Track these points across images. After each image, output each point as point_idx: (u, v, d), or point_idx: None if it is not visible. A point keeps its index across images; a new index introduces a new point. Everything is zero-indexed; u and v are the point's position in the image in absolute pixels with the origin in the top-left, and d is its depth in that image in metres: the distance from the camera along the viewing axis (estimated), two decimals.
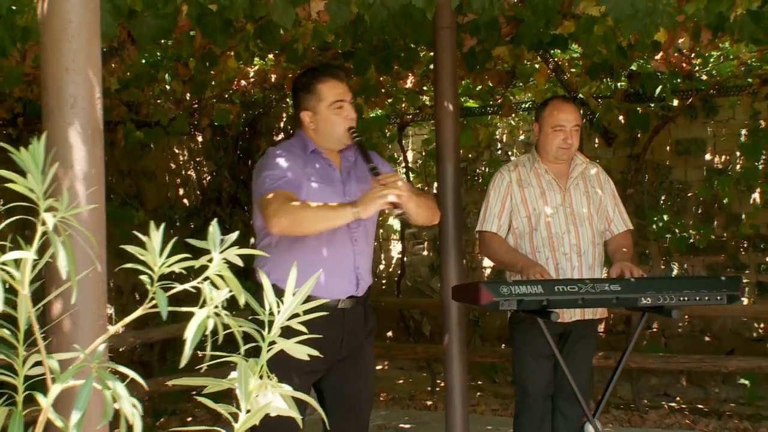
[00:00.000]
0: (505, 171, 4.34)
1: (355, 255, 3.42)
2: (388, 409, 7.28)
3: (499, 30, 5.16)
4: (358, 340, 3.52)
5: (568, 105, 4.31)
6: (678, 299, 3.62)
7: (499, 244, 4.23)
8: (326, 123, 3.43)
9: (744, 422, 6.58)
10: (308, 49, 6.15)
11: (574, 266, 4.13)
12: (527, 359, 4.22)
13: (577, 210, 4.21)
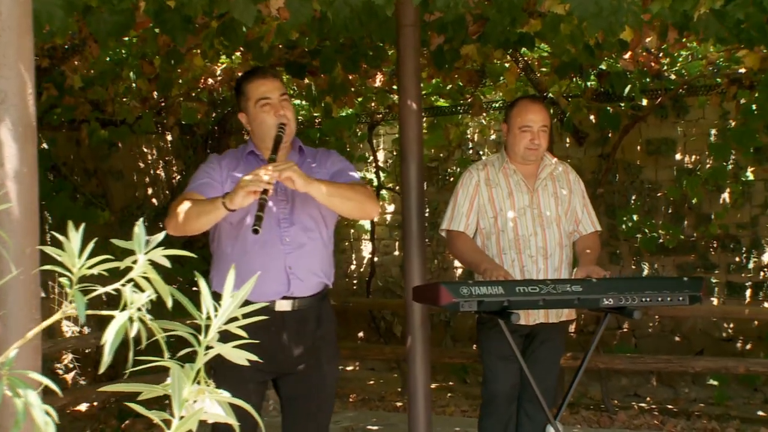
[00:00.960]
0: (473, 170, 4.30)
1: (285, 254, 3.33)
2: (356, 410, 7.23)
3: (466, 28, 5.13)
4: (311, 345, 3.42)
5: (535, 105, 4.26)
6: (640, 300, 3.58)
7: (465, 243, 4.18)
8: (256, 121, 3.39)
9: (712, 422, 6.57)
10: (275, 47, 6.09)
11: (540, 269, 4.09)
12: (494, 360, 4.17)
13: (544, 211, 4.17)
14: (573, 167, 8.04)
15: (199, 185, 3.33)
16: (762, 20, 4.45)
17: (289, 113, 3.41)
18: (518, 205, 4.15)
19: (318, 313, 3.45)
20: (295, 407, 3.45)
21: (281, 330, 3.33)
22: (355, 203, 3.32)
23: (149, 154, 8.57)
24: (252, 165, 3.35)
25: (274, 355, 3.33)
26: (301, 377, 3.42)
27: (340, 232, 9.44)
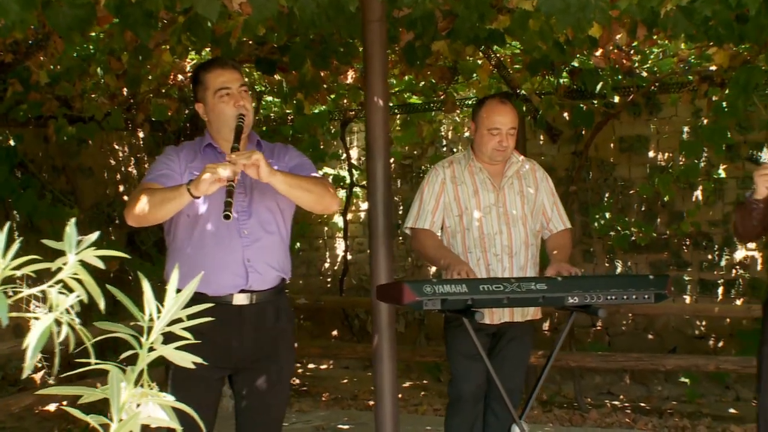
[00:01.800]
0: (439, 167, 4.26)
1: (243, 247, 3.29)
2: (328, 409, 7.18)
3: (435, 24, 5.09)
4: (269, 339, 3.38)
5: (504, 107, 4.20)
6: (605, 298, 3.55)
7: (430, 240, 4.14)
8: (214, 112, 3.35)
9: (684, 420, 6.56)
10: (244, 43, 6.03)
11: (505, 267, 4.06)
12: (460, 360, 4.14)
13: (510, 210, 4.13)
14: (546, 165, 8.10)
15: (158, 176, 3.28)
16: (729, 17, 4.43)
17: (248, 104, 3.38)
18: (484, 204, 4.11)
19: (276, 307, 3.41)
20: (250, 402, 3.41)
21: (239, 324, 3.30)
22: (315, 195, 3.30)
23: (120, 151, 8.49)
24: (210, 158, 3.32)
25: (232, 350, 3.30)
26: (258, 372, 3.38)
27: (313, 230, 9.40)
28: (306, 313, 9.40)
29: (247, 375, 3.39)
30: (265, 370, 3.39)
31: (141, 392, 1.61)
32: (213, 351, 3.25)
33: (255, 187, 3.29)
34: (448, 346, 4.22)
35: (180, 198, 3.07)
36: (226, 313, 3.26)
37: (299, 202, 3.32)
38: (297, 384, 8.35)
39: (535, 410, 6.92)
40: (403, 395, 7.69)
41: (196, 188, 3.01)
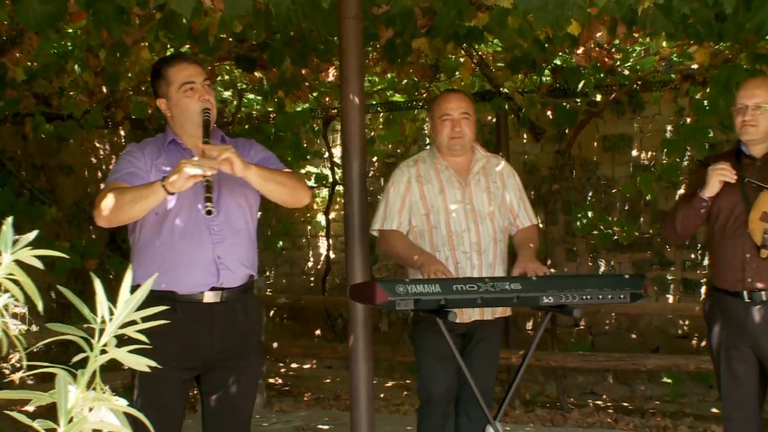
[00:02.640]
0: (404, 167, 4.20)
1: (213, 244, 3.24)
2: (309, 409, 7.13)
3: (415, 22, 5.06)
4: (238, 338, 3.33)
5: (454, 94, 4.21)
6: (580, 298, 3.53)
7: (399, 240, 4.09)
8: (178, 107, 3.28)
9: (666, 420, 6.54)
10: (224, 40, 5.98)
11: (474, 265, 4.01)
12: (429, 361, 4.09)
13: (477, 207, 4.08)
14: (530, 163, 8.09)
15: (125, 174, 3.22)
16: (708, 16, 4.41)
17: (212, 98, 3.33)
18: (450, 201, 4.06)
19: (244, 305, 3.36)
20: (218, 402, 3.35)
21: (210, 323, 3.25)
22: (288, 189, 3.27)
23: (101, 149, 8.43)
24: (174, 154, 3.27)
25: (201, 349, 3.25)
26: (227, 372, 3.33)
27: (297, 228, 9.36)
28: (289, 312, 9.36)
29: (216, 374, 3.33)
30: (234, 370, 3.34)
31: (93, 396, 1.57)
32: (182, 350, 3.21)
33: (224, 182, 3.23)
34: (416, 347, 4.16)
35: (155, 195, 3.02)
36: (196, 312, 3.22)
37: (272, 196, 3.28)
38: (279, 384, 8.32)
39: (517, 410, 6.89)
40: (385, 395, 7.66)
41: (171, 184, 2.96)
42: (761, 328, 3.71)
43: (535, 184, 8.09)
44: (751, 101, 3.75)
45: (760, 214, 3.66)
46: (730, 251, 3.78)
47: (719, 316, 3.87)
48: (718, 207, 3.82)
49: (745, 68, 5.55)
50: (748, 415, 3.84)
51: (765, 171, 3.76)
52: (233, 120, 8.19)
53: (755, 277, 3.71)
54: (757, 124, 3.74)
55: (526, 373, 7.88)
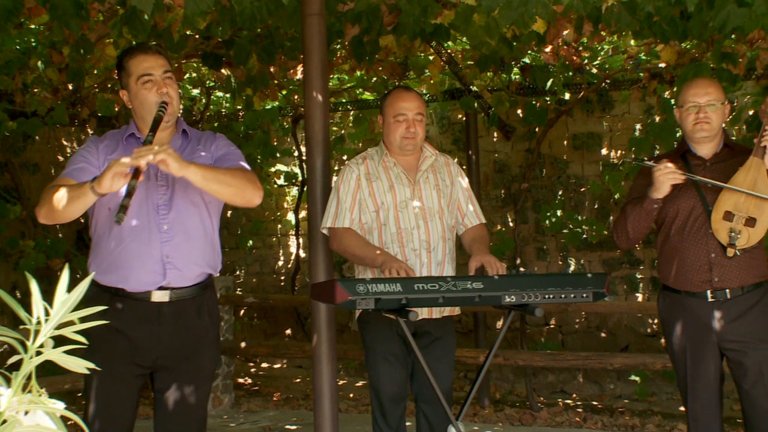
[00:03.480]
0: (353, 164, 4.15)
1: (162, 243, 3.18)
2: (278, 409, 7.09)
3: (381, 19, 5.02)
4: (190, 338, 3.27)
5: (409, 93, 4.14)
6: (543, 297, 3.49)
7: (353, 238, 4.03)
8: (137, 99, 3.23)
9: (634, 418, 6.55)
10: (190, 37, 5.92)
11: (423, 262, 3.97)
12: (379, 360, 4.02)
13: (427, 204, 4.04)
14: (500, 162, 8.07)
15: (74, 170, 3.17)
16: (672, 14, 4.41)
17: (173, 92, 3.26)
18: (400, 199, 4.02)
19: (198, 304, 3.30)
20: (170, 403, 3.29)
21: (158, 322, 3.19)
22: (235, 189, 3.19)
23: (68, 147, 8.34)
24: (132, 147, 3.17)
25: (151, 348, 3.20)
26: (179, 372, 3.28)
27: (267, 227, 9.31)
28: (259, 311, 9.31)
29: (168, 374, 3.28)
30: (187, 369, 3.29)
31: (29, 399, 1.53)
32: (131, 348, 3.17)
33: (177, 180, 3.17)
34: (366, 348, 4.09)
35: (84, 197, 2.96)
36: (145, 310, 3.17)
37: (217, 196, 3.21)
38: (248, 384, 8.26)
39: (487, 409, 6.88)
40: (355, 395, 7.63)
41: (99, 185, 2.89)
42: (726, 326, 3.72)
43: (505, 183, 8.08)
44: (704, 99, 3.77)
45: (722, 214, 3.67)
46: (694, 253, 3.78)
47: (680, 317, 3.86)
48: (675, 209, 3.83)
49: (712, 67, 5.57)
50: (713, 413, 3.85)
51: (715, 171, 3.77)
52: (202, 118, 8.12)
53: (722, 276, 3.72)
54: (710, 122, 3.76)
55: (496, 372, 7.91)
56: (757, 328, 3.72)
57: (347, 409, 7.05)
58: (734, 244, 3.65)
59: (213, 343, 3.40)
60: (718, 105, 3.75)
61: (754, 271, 3.74)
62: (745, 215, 3.64)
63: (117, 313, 3.14)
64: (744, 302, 3.73)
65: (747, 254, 3.71)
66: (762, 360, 3.69)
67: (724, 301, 3.73)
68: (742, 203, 3.65)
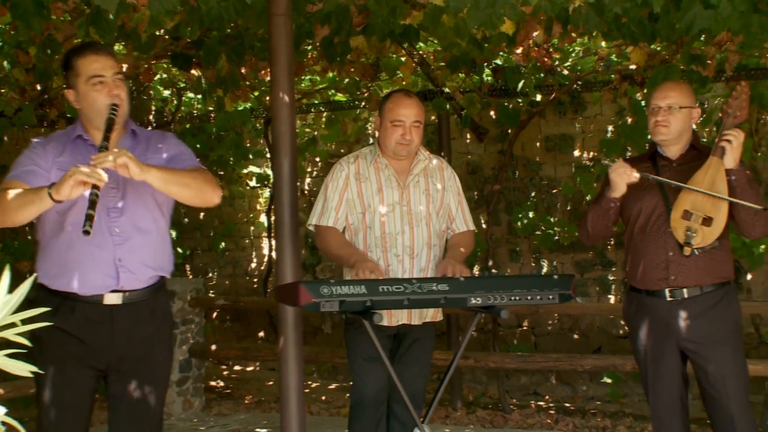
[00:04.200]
0: (344, 163, 4.13)
1: (114, 246, 3.13)
2: (249, 412, 7.04)
3: (350, 20, 5.00)
4: (143, 340, 3.23)
5: (409, 100, 4.09)
6: (509, 299, 3.47)
7: (334, 237, 4.03)
8: (86, 100, 3.16)
9: (606, 420, 6.55)
10: (159, 37, 5.87)
11: (406, 268, 3.95)
12: (360, 362, 4.03)
13: (414, 209, 4.02)
14: (473, 164, 8.06)
15: (23, 173, 3.10)
16: (640, 15, 4.41)
17: (123, 93, 3.20)
18: (387, 201, 4.00)
19: (152, 306, 3.26)
20: (123, 406, 3.24)
21: (110, 325, 3.15)
22: (194, 190, 3.16)
23: None
24: (80, 150, 3.15)
25: (103, 350, 3.15)
26: (132, 375, 3.23)
27: (240, 229, 9.27)
28: (232, 314, 9.26)
29: (120, 377, 3.23)
30: (139, 373, 3.24)
31: None
32: (83, 350, 3.13)
33: (128, 182, 3.12)
34: (348, 349, 4.11)
35: (40, 202, 2.90)
36: (97, 313, 3.13)
37: (177, 198, 3.18)
38: (220, 387, 8.21)
39: (459, 412, 6.86)
40: (327, 397, 7.60)
41: (57, 192, 2.84)
42: (684, 325, 3.73)
43: (478, 185, 8.07)
44: (663, 102, 3.79)
45: (681, 213, 3.69)
46: (653, 251, 3.80)
47: (643, 317, 3.88)
48: (638, 208, 3.85)
49: (682, 69, 5.58)
50: (675, 413, 3.86)
51: (681, 171, 3.79)
52: (173, 119, 8.07)
53: (678, 275, 3.73)
54: (668, 125, 3.78)
55: (470, 375, 7.89)
56: (716, 328, 3.73)
57: (319, 412, 7.01)
58: (690, 242, 3.66)
59: (166, 344, 3.37)
60: (678, 108, 3.76)
61: (715, 271, 3.74)
62: (702, 214, 3.66)
63: (68, 316, 3.10)
64: (703, 302, 3.73)
65: (707, 254, 3.71)
66: (721, 361, 3.70)
67: (682, 300, 3.74)
68: (700, 202, 3.66)
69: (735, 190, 3.64)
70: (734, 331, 3.77)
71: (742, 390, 3.73)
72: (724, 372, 3.69)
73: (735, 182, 3.64)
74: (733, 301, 3.80)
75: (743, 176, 3.65)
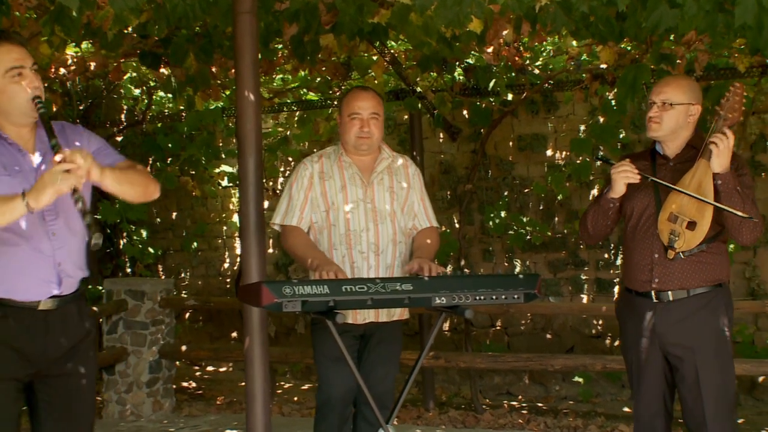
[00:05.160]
0: (308, 162, 4.13)
1: (54, 251, 3.04)
2: (220, 413, 6.99)
3: (319, 18, 4.97)
4: (74, 341, 3.14)
5: (365, 93, 4.13)
6: (474, 298, 3.46)
7: (298, 238, 4.01)
8: (4, 94, 2.97)
9: (577, 420, 6.55)
10: (127, 35, 5.81)
11: (371, 265, 3.94)
12: (327, 362, 4.02)
13: (378, 206, 4.01)
14: (447, 163, 8.04)
15: None
16: (607, 14, 4.39)
17: (41, 85, 3.04)
18: (351, 199, 3.99)
19: (78, 307, 3.17)
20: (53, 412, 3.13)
21: (44, 330, 3.04)
22: (141, 187, 3.11)
23: None
24: (4, 151, 2.99)
25: (35, 356, 3.04)
26: (60, 380, 3.12)
27: (212, 229, 9.22)
28: (204, 315, 9.20)
29: (50, 382, 3.12)
30: (69, 377, 3.14)
31: None
32: (16, 358, 3.02)
33: None
34: (314, 350, 4.09)
35: (15, 211, 2.78)
36: (31, 319, 3.01)
37: (124, 196, 3.09)
38: (192, 388, 8.15)
39: (431, 412, 6.84)
40: (299, 398, 7.56)
41: (36, 200, 2.74)
42: (667, 329, 3.70)
43: (451, 184, 8.06)
44: (658, 98, 3.75)
45: (667, 215, 3.66)
46: (640, 252, 3.78)
47: (629, 317, 3.87)
48: (632, 207, 3.83)
49: (652, 68, 5.57)
50: (656, 415, 3.84)
51: (678, 171, 3.75)
52: (144, 118, 8.00)
53: (662, 277, 3.70)
54: (660, 121, 3.73)
55: (443, 375, 7.87)
56: (698, 333, 3.68)
57: (290, 413, 6.98)
58: (673, 246, 3.63)
59: (92, 350, 3.27)
60: (672, 105, 3.71)
61: (702, 275, 3.69)
62: (688, 218, 3.61)
63: (2, 325, 2.98)
64: (688, 306, 3.70)
65: (694, 257, 3.68)
66: (700, 366, 3.66)
67: (668, 303, 3.71)
68: (686, 206, 3.62)
69: (721, 194, 3.59)
70: (718, 336, 3.70)
71: (722, 399, 3.67)
72: (702, 378, 3.64)
73: (721, 186, 3.59)
74: (723, 305, 3.73)
75: (730, 181, 3.59)
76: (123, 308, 6.68)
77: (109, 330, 6.74)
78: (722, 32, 4.06)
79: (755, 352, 6.89)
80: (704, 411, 3.64)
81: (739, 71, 5.86)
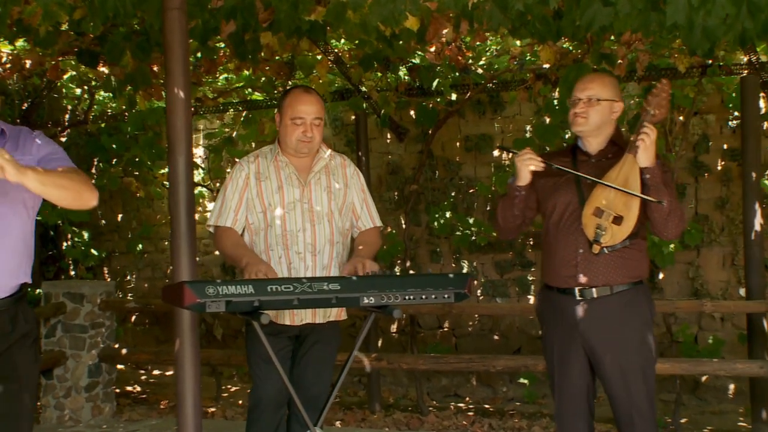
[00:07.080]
0: (244, 162, 4.05)
1: None
2: (162, 417, 6.88)
3: (256, 15, 4.90)
4: (7, 348, 3.05)
5: (309, 96, 4.02)
6: (403, 298, 3.41)
7: (230, 238, 3.94)
8: None
9: (522, 421, 6.53)
10: (63, 33, 5.70)
11: (308, 266, 3.88)
12: (259, 363, 3.94)
13: (315, 206, 3.95)
14: (394, 164, 7.99)
15: None
16: (544, 13, 4.37)
17: None
18: (288, 200, 3.92)
19: (13, 314, 3.07)
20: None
21: None
22: (72, 192, 2.99)
23: None
24: None
25: None
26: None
27: (158, 231, 9.11)
28: (151, 318, 9.08)
29: None
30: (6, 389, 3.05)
31: None
32: None
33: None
34: (247, 350, 4.03)
35: None
36: None
37: (55, 201, 2.99)
38: (136, 392, 8.04)
39: (376, 414, 6.79)
40: (244, 401, 7.46)
41: None
42: (591, 326, 3.68)
43: (398, 185, 8.01)
44: (583, 94, 3.75)
45: (593, 209, 3.64)
46: (564, 247, 3.74)
47: (551, 315, 3.84)
48: (554, 203, 3.80)
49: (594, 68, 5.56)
50: (578, 414, 3.81)
51: (600, 167, 3.74)
52: (86, 118, 7.87)
53: (586, 273, 3.67)
54: (587, 117, 3.73)
55: (390, 377, 7.83)
56: (621, 329, 3.66)
57: (234, 416, 6.89)
58: (599, 240, 3.61)
59: (31, 356, 3.15)
60: (596, 100, 3.71)
61: (626, 271, 3.68)
62: (614, 213, 3.60)
63: None
64: (612, 303, 3.68)
65: (618, 253, 3.66)
66: (624, 363, 3.65)
67: (591, 299, 3.68)
68: (612, 200, 3.61)
69: (649, 189, 3.59)
70: (642, 331, 3.70)
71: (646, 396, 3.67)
72: (624, 366, 3.64)
73: (649, 181, 3.58)
74: (644, 302, 3.74)
75: (658, 175, 3.59)
76: (61, 311, 6.55)
77: (47, 333, 6.61)
78: (655, 31, 4.05)
79: (697, 351, 6.91)
80: (631, 409, 3.64)
81: (679, 71, 5.88)
